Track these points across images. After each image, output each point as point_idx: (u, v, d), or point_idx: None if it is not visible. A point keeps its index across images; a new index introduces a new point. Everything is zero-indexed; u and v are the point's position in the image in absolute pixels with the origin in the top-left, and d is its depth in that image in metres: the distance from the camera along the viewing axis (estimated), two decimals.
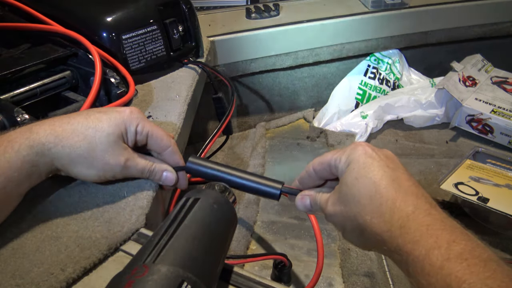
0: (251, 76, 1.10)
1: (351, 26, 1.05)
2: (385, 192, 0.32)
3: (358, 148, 0.36)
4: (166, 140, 0.43)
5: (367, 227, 0.33)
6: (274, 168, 0.99)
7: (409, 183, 0.33)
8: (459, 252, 0.28)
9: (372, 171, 0.34)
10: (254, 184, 0.42)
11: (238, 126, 1.18)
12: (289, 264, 0.59)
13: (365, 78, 1.17)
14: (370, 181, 0.33)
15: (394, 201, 0.32)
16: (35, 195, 0.41)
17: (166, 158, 0.44)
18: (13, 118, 0.44)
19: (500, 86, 1.12)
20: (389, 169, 0.34)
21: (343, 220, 0.35)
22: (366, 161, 0.34)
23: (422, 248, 0.29)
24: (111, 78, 0.53)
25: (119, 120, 0.40)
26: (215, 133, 0.58)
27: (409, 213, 0.31)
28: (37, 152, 0.36)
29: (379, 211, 0.32)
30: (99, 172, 0.39)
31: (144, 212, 0.41)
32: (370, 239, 0.34)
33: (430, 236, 0.29)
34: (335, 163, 0.37)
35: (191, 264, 0.28)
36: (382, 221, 0.32)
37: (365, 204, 0.33)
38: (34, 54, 0.55)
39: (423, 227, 0.30)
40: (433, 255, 0.28)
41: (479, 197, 0.77)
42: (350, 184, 0.34)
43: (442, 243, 0.28)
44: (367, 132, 1.07)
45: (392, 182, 0.33)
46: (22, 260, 0.35)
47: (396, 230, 0.31)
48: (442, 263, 0.27)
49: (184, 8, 0.71)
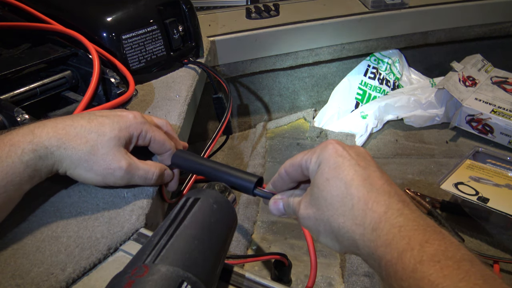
0: (251, 76, 1.10)
1: (351, 26, 1.05)
2: (356, 192, 0.31)
3: (328, 147, 0.34)
4: (167, 144, 0.44)
5: (340, 230, 0.32)
6: (274, 168, 0.99)
7: (381, 181, 0.32)
8: (432, 253, 0.27)
9: (343, 171, 0.32)
10: (230, 178, 0.41)
11: (238, 126, 1.18)
12: (289, 264, 0.59)
13: (365, 78, 1.17)
14: (341, 182, 0.32)
15: (366, 202, 0.31)
16: (35, 195, 0.41)
17: (164, 159, 0.45)
18: (13, 118, 0.44)
19: (500, 86, 1.12)
20: (360, 168, 0.32)
21: (316, 224, 0.34)
22: (336, 160, 0.33)
23: (394, 251, 0.28)
24: (111, 78, 0.53)
25: (122, 125, 0.40)
26: (215, 136, 0.58)
27: (381, 214, 0.30)
28: (40, 156, 0.36)
29: (351, 214, 0.31)
30: (99, 176, 0.39)
31: (144, 212, 0.41)
32: (344, 243, 0.32)
33: (402, 238, 0.28)
34: (306, 164, 0.36)
35: (191, 264, 0.28)
36: (354, 224, 0.31)
37: (337, 207, 0.32)
38: (34, 54, 0.55)
39: (395, 229, 0.29)
40: (405, 258, 0.27)
41: (479, 197, 0.77)
42: (321, 185, 0.33)
43: (415, 244, 0.27)
44: (367, 132, 1.07)
45: (363, 182, 0.32)
46: (22, 260, 0.35)
47: (369, 234, 0.30)
48: (415, 266, 0.26)
49: (184, 8, 0.71)
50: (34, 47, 0.59)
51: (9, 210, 0.36)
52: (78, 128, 0.38)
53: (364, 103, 1.16)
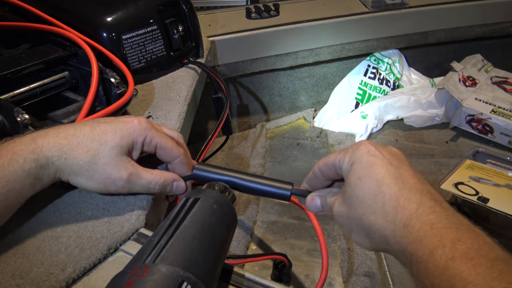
0: (251, 76, 1.10)
1: (351, 26, 1.05)
2: (388, 190, 0.32)
3: (360, 147, 0.35)
4: (175, 151, 0.42)
5: (371, 227, 0.32)
6: (274, 168, 0.99)
7: (414, 180, 0.32)
8: (464, 251, 0.26)
9: (375, 169, 0.33)
10: (264, 187, 0.42)
11: (238, 126, 1.18)
12: (289, 264, 0.59)
13: (365, 78, 1.17)
14: (373, 180, 0.32)
15: (397, 200, 0.31)
16: (35, 195, 0.41)
17: (175, 167, 0.43)
18: (13, 118, 0.44)
19: (500, 86, 1.12)
20: (392, 167, 0.33)
21: (348, 222, 0.35)
22: (369, 159, 0.34)
23: (425, 247, 0.28)
24: (111, 78, 0.53)
25: (125, 132, 0.39)
26: (212, 135, 0.58)
27: (412, 211, 0.30)
28: (41, 165, 0.36)
29: (382, 211, 0.31)
30: (100, 185, 0.39)
31: (144, 212, 0.41)
32: (375, 240, 0.33)
33: (434, 235, 0.28)
34: (339, 164, 0.36)
35: (191, 264, 0.28)
36: (385, 221, 0.31)
37: (368, 204, 0.32)
38: (34, 54, 0.55)
39: (427, 226, 0.29)
40: (437, 255, 0.27)
41: (479, 197, 0.77)
42: (353, 184, 0.34)
43: (447, 242, 0.27)
44: (367, 132, 1.07)
45: (395, 180, 0.32)
46: (22, 260, 0.35)
47: (400, 230, 0.30)
48: (446, 263, 0.26)
49: (184, 8, 0.71)
50: (34, 47, 0.59)
51: (8, 216, 0.36)
52: (80, 137, 0.38)
53: (364, 103, 1.16)
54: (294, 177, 0.96)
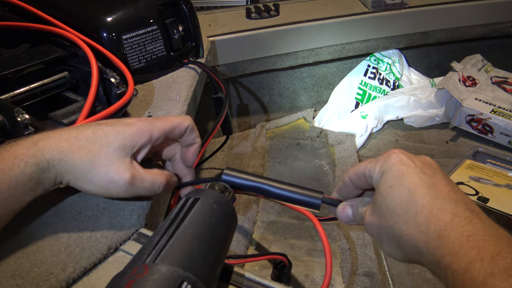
0: (251, 76, 1.10)
1: (351, 26, 1.05)
2: (420, 200, 0.30)
3: (392, 156, 0.34)
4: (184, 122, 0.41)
5: (403, 237, 0.31)
6: (274, 168, 0.99)
7: (447, 188, 0.31)
8: (505, 266, 0.25)
9: (407, 178, 0.32)
10: (295, 195, 0.41)
11: (238, 126, 1.18)
12: (289, 264, 0.59)
13: (365, 78, 1.17)
14: (405, 189, 0.31)
15: (430, 210, 0.30)
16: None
17: (185, 138, 0.42)
18: (13, 118, 0.44)
19: (500, 86, 1.12)
20: (425, 176, 0.32)
21: (379, 232, 0.34)
22: (400, 168, 0.33)
23: (462, 260, 0.27)
24: (111, 78, 0.53)
25: (127, 133, 0.38)
26: (208, 135, 0.58)
27: (447, 222, 0.29)
28: (42, 169, 0.35)
29: (414, 221, 0.30)
30: (101, 189, 0.38)
31: (144, 212, 0.41)
32: (407, 251, 0.32)
33: (471, 248, 0.27)
34: (370, 173, 0.36)
35: (191, 264, 0.28)
36: (418, 231, 0.30)
37: (400, 214, 0.31)
38: (34, 54, 0.55)
39: (463, 238, 0.27)
40: (474, 269, 0.26)
41: (479, 197, 0.77)
42: (384, 193, 0.33)
43: (485, 256, 0.26)
44: (367, 132, 1.07)
45: (428, 189, 0.31)
46: (22, 260, 0.35)
47: (433, 241, 0.29)
48: (485, 278, 0.25)
49: (184, 8, 0.71)
50: (34, 47, 0.59)
51: (8, 220, 0.36)
52: (82, 140, 0.37)
53: (364, 103, 1.16)
54: (294, 177, 0.96)
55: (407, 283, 0.71)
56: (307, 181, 0.94)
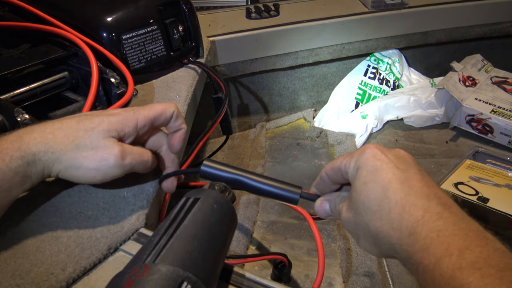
0: (251, 76, 1.10)
1: (351, 26, 1.05)
2: (393, 196, 0.31)
3: (366, 151, 0.34)
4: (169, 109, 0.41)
5: (378, 234, 0.31)
6: (274, 168, 0.99)
7: (421, 183, 0.31)
8: (472, 260, 0.25)
9: (380, 174, 0.32)
10: (273, 189, 0.41)
11: (238, 126, 1.18)
12: (289, 264, 0.59)
13: (365, 78, 1.17)
14: (378, 186, 0.32)
15: (403, 206, 0.30)
16: (35, 195, 0.41)
17: (171, 125, 0.43)
18: (13, 118, 0.44)
19: (500, 86, 1.12)
20: (399, 171, 0.32)
21: (355, 228, 0.34)
22: (374, 164, 0.33)
23: (432, 256, 0.27)
24: (111, 78, 0.53)
25: (113, 120, 0.39)
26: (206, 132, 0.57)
27: (418, 218, 0.29)
28: (28, 162, 0.35)
29: (388, 218, 0.30)
30: (92, 171, 0.37)
31: (144, 212, 0.41)
32: (382, 247, 0.32)
33: (441, 243, 0.27)
34: (345, 169, 0.35)
35: (191, 264, 0.28)
36: (391, 228, 0.30)
37: (374, 211, 0.31)
38: (34, 54, 0.55)
39: (434, 233, 0.28)
40: (443, 264, 0.26)
41: (479, 197, 0.77)
42: (359, 190, 0.33)
43: (454, 250, 0.26)
44: (367, 132, 1.07)
45: (402, 185, 0.31)
46: (22, 260, 0.35)
47: (406, 238, 0.29)
48: (453, 272, 0.25)
49: (184, 8, 0.71)
50: (34, 47, 0.59)
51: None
52: (66, 130, 0.37)
53: (364, 103, 1.16)
54: (294, 177, 0.96)
55: (407, 283, 0.71)
56: (307, 181, 0.94)
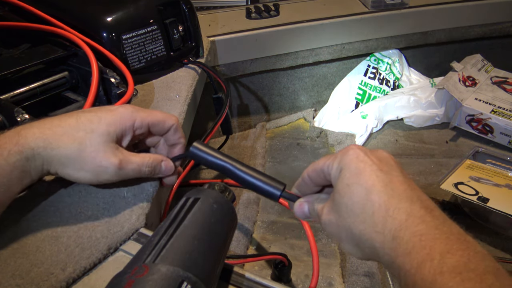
0: (251, 76, 1.10)
1: (351, 26, 1.05)
2: (377, 199, 0.30)
3: (349, 152, 0.34)
4: (168, 120, 0.42)
5: (361, 237, 0.31)
6: (274, 168, 0.99)
7: (403, 186, 0.31)
8: (453, 265, 0.25)
9: (364, 176, 0.32)
10: (256, 181, 0.40)
11: (238, 126, 1.18)
12: (289, 264, 0.59)
13: (365, 78, 1.17)
14: (362, 188, 0.31)
15: (387, 209, 0.30)
16: (35, 195, 0.41)
17: (169, 137, 0.43)
18: (13, 118, 0.44)
19: (500, 86, 1.12)
20: (382, 173, 0.32)
21: (338, 230, 0.34)
22: (357, 166, 0.32)
23: (414, 261, 0.27)
24: (111, 78, 0.53)
25: (110, 119, 0.39)
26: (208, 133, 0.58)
27: (402, 221, 0.29)
28: (26, 157, 0.35)
29: (371, 221, 0.30)
30: (90, 174, 0.38)
31: (144, 212, 0.41)
32: (365, 250, 0.32)
33: (423, 247, 0.27)
34: (328, 170, 0.35)
35: (191, 264, 0.28)
36: (374, 231, 0.30)
37: (358, 213, 0.31)
38: (34, 54, 0.55)
39: (416, 238, 0.28)
40: (425, 269, 0.26)
41: (479, 197, 0.77)
42: (342, 192, 0.32)
43: (435, 254, 0.26)
44: (367, 132, 1.07)
45: (385, 187, 0.31)
46: (22, 260, 0.35)
47: (389, 242, 0.29)
48: (434, 277, 0.25)
49: (184, 8, 0.71)
50: (34, 47, 0.59)
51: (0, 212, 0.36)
52: (65, 128, 0.37)
53: (364, 103, 1.16)
54: (294, 177, 0.95)
55: None
56: None
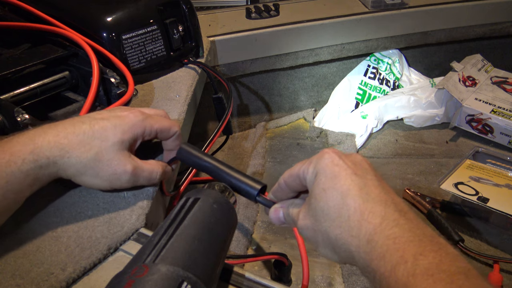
0: (251, 76, 1.10)
1: (351, 26, 1.05)
2: (352, 203, 0.31)
3: (324, 156, 0.34)
4: (173, 127, 0.43)
5: (337, 241, 0.31)
6: (274, 168, 0.99)
7: (378, 190, 0.31)
8: (425, 267, 0.26)
9: (339, 181, 0.32)
10: (234, 180, 0.41)
11: (238, 126, 1.18)
12: (289, 264, 0.59)
13: (365, 78, 1.17)
14: (337, 192, 0.31)
15: (362, 213, 0.30)
16: (35, 195, 0.41)
17: (169, 143, 0.45)
18: (13, 118, 0.44)
19: (500, 86, 1.12)
20: (357, 177, 0.32)
21: (314, 235, 0.34)
22: (333, 170, 0.32)
23: (388, 264, 0.27)
24: (111, 78, 0.53)
25: (124, 127, 0.40)
26: (214, 135, 0.58)
27: (376, 225, 0.29)
28: (41, 165, 0.36)
29: (347, 225, 0.30)
30: (105, 181, 0.39)
31: (144, 212, 0.41)
32: (341, 254, 0.32)
33: (396, 250, 0.27)
34: (303, 175, 0.35)
35: (191, 264, 0.28)
36: (350, 235, 0.30)
37: (334, 218, 0.31)
38: (34, 54, 0.55)
39: (390, 241, 0.28)
40: (398, 271, 0.26)
41: (479, 197, 0.77)
42: (318, 196, 0.32)
43: (408, 257, 0.27)
44: (367, 132, 1.07)
45: (360, 191, 0.31)
46: (22, 260, 0.35)
47: (364, 246, 0.29)
48: (408, 279, 0.26)
49: (184, 8, 0.71)
50: (34, 47, 0.59)
51: (7, 216, 0.36)
52: (80, 136, 0.38)
53: (364, 103, 1.16)
54: None
55: None
56: None
